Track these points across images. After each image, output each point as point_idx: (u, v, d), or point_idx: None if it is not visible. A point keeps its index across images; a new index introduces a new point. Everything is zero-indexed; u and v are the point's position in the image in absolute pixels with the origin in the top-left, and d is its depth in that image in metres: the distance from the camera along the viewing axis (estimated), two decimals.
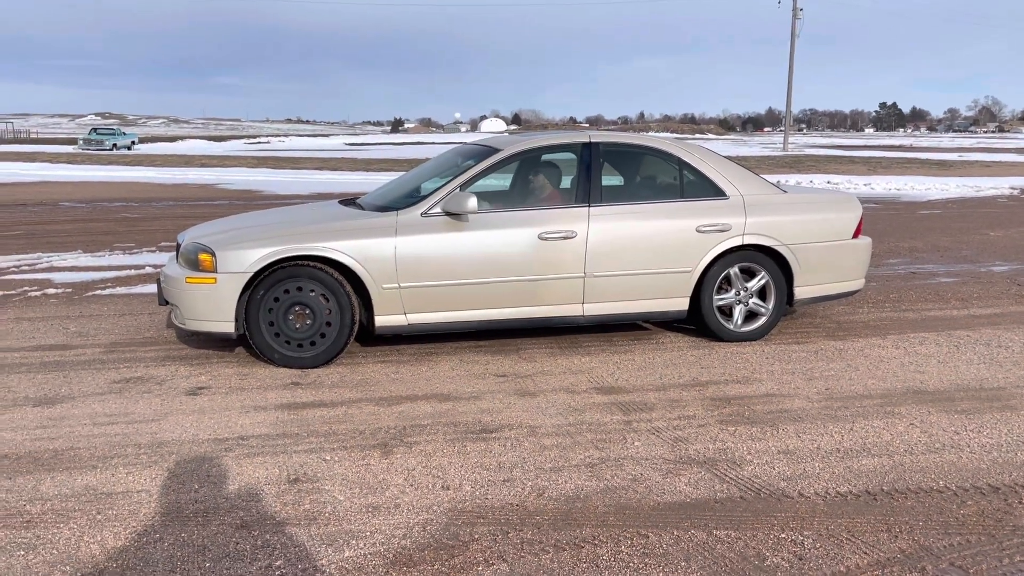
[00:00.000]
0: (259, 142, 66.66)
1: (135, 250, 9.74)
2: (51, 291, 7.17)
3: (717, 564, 2.68)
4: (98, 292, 7.15)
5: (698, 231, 5.32)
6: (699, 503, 3.12)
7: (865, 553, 2.75)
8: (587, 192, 5.30)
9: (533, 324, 5.24)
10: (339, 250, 4.85)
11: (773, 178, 23.63)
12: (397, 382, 4.64)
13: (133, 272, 8.20)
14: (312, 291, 4.87)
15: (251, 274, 4.78)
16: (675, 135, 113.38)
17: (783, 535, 2.87)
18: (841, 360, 5.09)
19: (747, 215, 5.41)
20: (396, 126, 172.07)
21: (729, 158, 5.85)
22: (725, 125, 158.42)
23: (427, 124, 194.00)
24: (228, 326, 4.82)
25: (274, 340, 4.88)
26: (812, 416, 4.08)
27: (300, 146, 59.29)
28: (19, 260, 8.84)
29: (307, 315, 4.88)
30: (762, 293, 5.55)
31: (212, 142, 66.29)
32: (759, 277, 5.49)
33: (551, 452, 3.61)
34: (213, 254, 4.82)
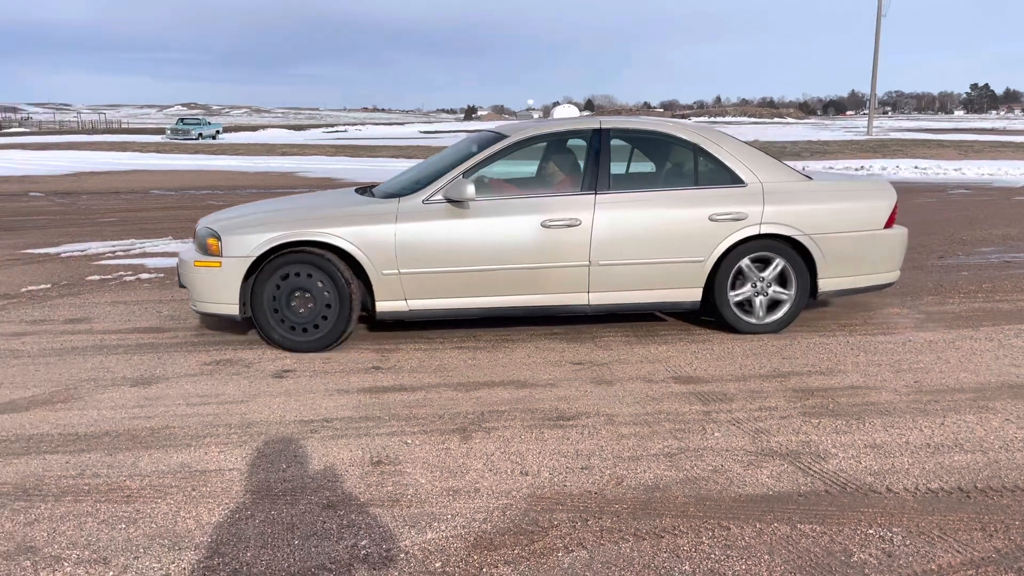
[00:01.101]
0: (337, 131, 67.97)
1: None
2: (144, 276, 7.49)
3: (801, 558, 2.63)
4: None
5: (711, 219, 5.15)
6: (782, 496, 3.06)
7: (958, 552, 2.66)
8: (594, 179, 5.21)
9: (537, 312, 5.21)
10: (338, 235, 4.93)
11: (846, 163, 22.90)
12: (474, 368, 4.69)
13: None
14: (310, 276, 4.96)
15: (254, 258, 4.91)
16: (752, 120, 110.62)
17: (871, 531, 2.80)
18: (931, 352, 4.91)
19: (765, 203, 5.21)
20: (469, 113, 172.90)
21: (751, 144, 5.52)
22: (805, 109, 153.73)
23: (500, 111, 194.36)
24: (233, 308, 4.97)
25: (278, 324, 5.01)
26: (900, 410, 3.96)
27: (376, 134, 60.16)
28: (114, 246, 9.25)
29: (308, 300, 4.98)
30: (781, 281, 5.31)
31: (292, 131, 67.88)
32: (774, 265, 5.25)
33: (629, 441, 3.60)
34: (219, 238, 4.96)
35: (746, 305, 5.32)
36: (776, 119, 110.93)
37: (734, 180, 5.28)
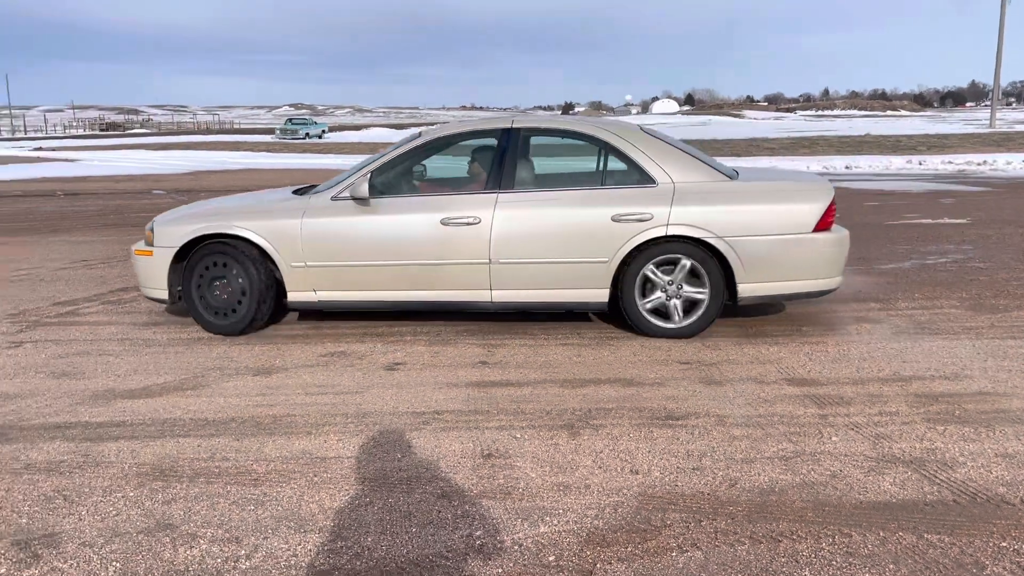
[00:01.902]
0: None
1: None
2: None
3: (929, 569, 2.53)
4: None
5: (614, 220, 5.06)
6: (906, 504, 2.95)
7: None
8: (498, 178, 5.26)
9: (441, 308, 5.32)
10: (249, 229, 5.31)
11: (967, 157, 21.65)
12: (580, 365, 4.70)
13: None
14: (226, 265, 5.34)
15: (177, 248, 5.36)
16: (863, 112, 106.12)
17: (1004, 544, 2.66)
18: None
19: (674, 204, 5.04)
20: (566, 110, 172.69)
21: (688, 141, 5.33)
22: (920, 100, 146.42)
23: (597, 107, 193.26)
24: (163, 293, 5.47)
25: (203, 308, 5.43)
26: None
27: None
28: None
29: (226, 287, 5.38)
30: (694, 285, 5.11)
31: (393, 130, 69.41)
32: (682, 267, 5.07)
33: (741, 443, 3.54)
34: (152, 231, 5.49)
35: (658, 308, 5.19)
36: (889, 112, 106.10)
37: (645, 180, 5.18)
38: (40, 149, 39.46)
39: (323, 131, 53.44)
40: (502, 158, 5.32)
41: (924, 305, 5.95)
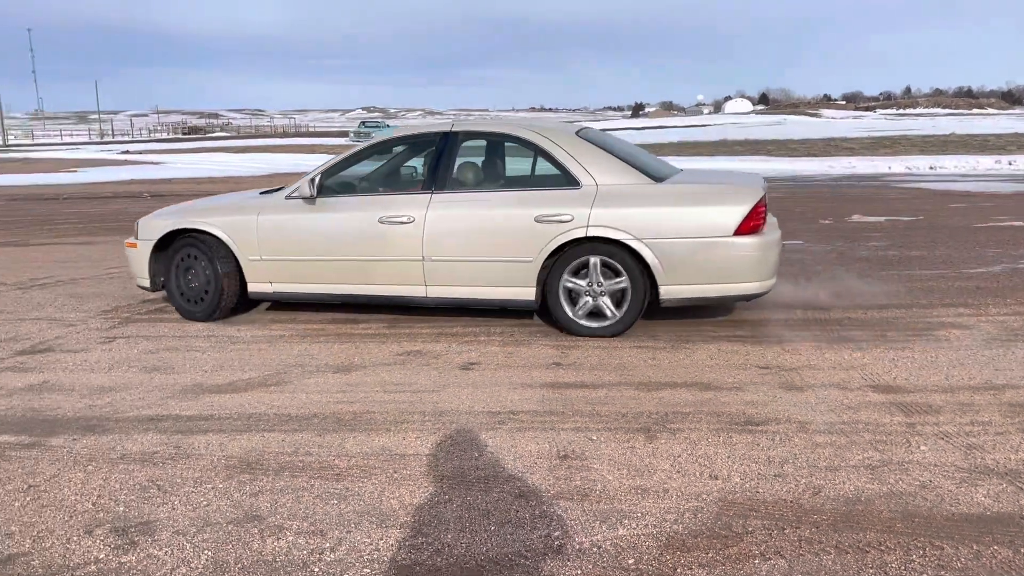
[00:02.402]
0: None
1: None
2: None
3: None
4: None
5: (536, 221, 5.20)
6: (1002, 517, 2.84)
7: None
8: (433, 179, 5.52)
9: (383, 302, 5.67)
10: (213, 225, 5.81)
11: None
12: (655, 368, 4.66)
13: None
14: (196, 258, 5.85)
15: (154, 241, 5.92)
16: (948, 111, 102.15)
17: None
18: None
19: (594, 206, 5.13)
20: (636, 111, 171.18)
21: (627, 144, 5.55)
22: (1009, 98, 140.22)
23: (668, 107, 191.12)
24: (146, 281, 6.05)
25: (179, 295, 5.97)
26: None
27: None
28: None
29: (196, 277, 5.88)
30: (615, 286, 5.19)
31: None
32: (609, 272, 5.17)
33: (825, 450, 3.45)
34: (138, 225, 6.07)
35: (581, 307, 5.28)
36: (975, 110, 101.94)
37: (570, 182, 5.29)
38: (127, 152, 41.17)
39: None
40: (438, 160, 5.57)
41: (1017, 311, 5.70)
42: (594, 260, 5.17)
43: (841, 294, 6.34)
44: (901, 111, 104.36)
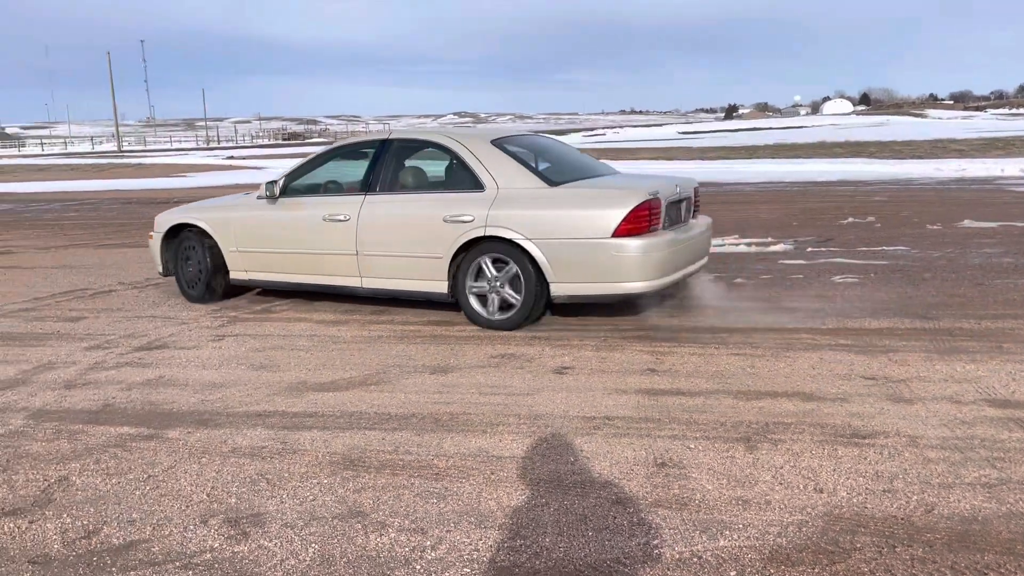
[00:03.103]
0: (595, 134, 69.13)
1: None
2: None
3: None
4: None
5: (444, 221, 5.69)
6: None
7: None
8: (368, 182, 6.13)
9: (329, 291, 6.38)
10: (202, 220, 6.69)
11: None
12: (754, 376, 4.56)
13: None
14: (194, 248, 6.74)
15: (163, 233, 6.91)
16: None
17: None
18: None
19: (492, 208, 5.56)
20: (730, 112, 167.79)
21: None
22: None
23: (763, 109, 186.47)
24: (159, 268, 7.05)
25: (184, 281, 6.87)
26: None
27: (634, 137, 60.28)
28: None
29: (192, 264, 6.78)
30: (513, 282, 5.59)
31: (553, 136, 70.13)
32: (507, 269, 5.57)
33: (937, 466, 3.30)
34: (155, 220, 7.04)
35: (485, 300, 5.71)
36: None
37: (476, 186, 5.74)
38: (232, 157, 42.95)
39: None
40: (374, 164, 6.17)
41: None
42: (489, 258, 5.63)
43: (951, 303, 6.06)
44: (1014, 111, 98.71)
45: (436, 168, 6.30)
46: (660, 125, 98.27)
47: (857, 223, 11.16)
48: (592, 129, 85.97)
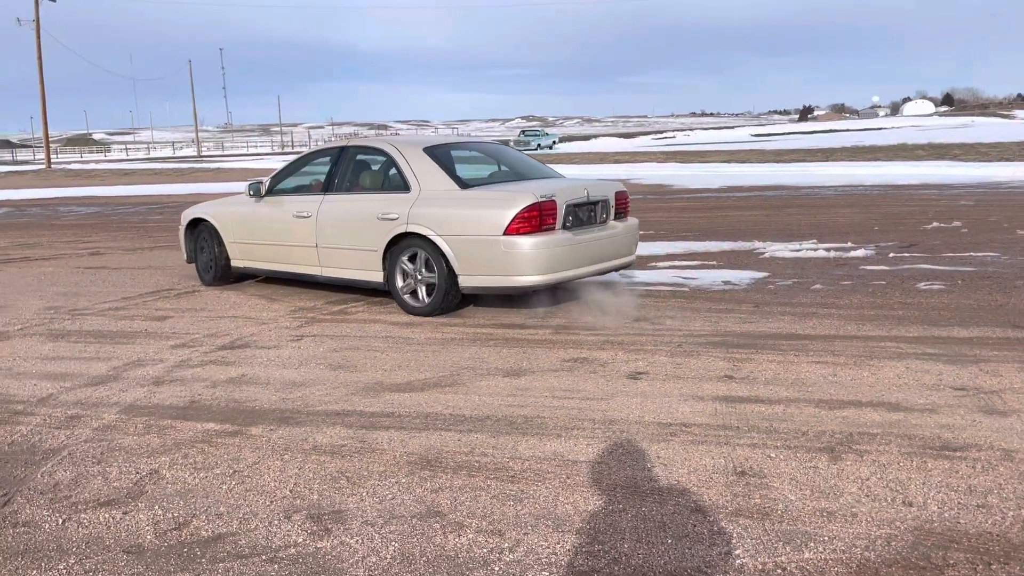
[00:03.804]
0: (665, 137, 68.38)
1: None
2: None
3: None
4: None
5: (378, 218, 6.43)
6: None
7: None
8: (327, 184, 7.04)
9: (298, 279, 7.33)
10: (210, 215, 7.83)
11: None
12: (836, 385, 4.44)
13: None
14: (206, 239, 7.91)
15: (184, 225, 8.09)
16: None
17: None
18: None
19: (413, 207, 6.27)
20: (804, 114, 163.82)
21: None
22: None
23: (839, 110, 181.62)
24: (184, 256, 8.20)
25: (200, 267, 8.06)
26: None
27: (705, 139, 59.46)
28: None
29: (206, 253, 7.95)
30: (431, 275, 6.25)
31: (622, 139, 69.66)
32: (417, 261, 6.28)
33: None
34: (181, 215, 8.15)
35: (411, 289, 6.40)
36: None
37: (405, 187, 6.47)
38: None
39: (554, 142, 54.82)
40: (333, 168, 7.07)
41: None
42: (410, 251, 6.32)
43: None
44: None
45: (380, 172, 6.99)
46: (732, 127, 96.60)
47: (942, 228, 10.76)
48: (661, 132, 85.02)
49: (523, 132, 57.49)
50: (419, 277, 6.33)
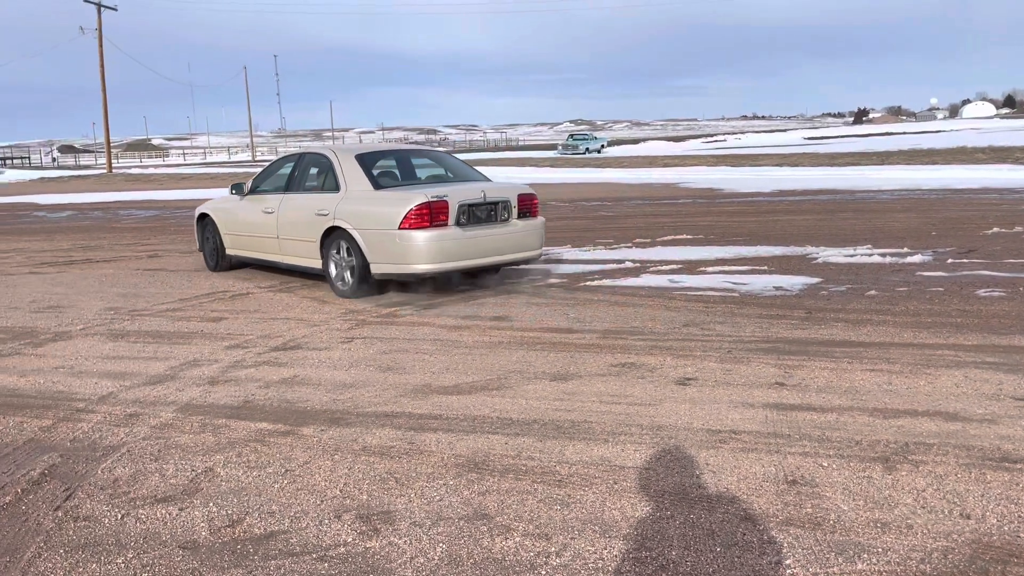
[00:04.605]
0: (715, 140, 67.63)
1: (614, 246, 10.63)
2: (551, 281, 8.18)
3: None
4: (587, 283, 7.96)
5: (316, 214, 7.64)
6: None
7: None
8: (287, 185, 8.36)
9: (266, 264, 8.68)
10: (210, 210, 9.43)
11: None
12: (891, 394, 4.34)
13: (615, 266, 8.95)
14: (210, 231, 9.40)
15: (196, 218, 9.74)
16: None
17: None
18: None
19: (339, 205, 7.45)
20: (859, 116, 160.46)
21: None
22: None
23: (895, 112, 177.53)
24: (197, 245, 9.86)
25: (206, 255, 9.59)
26: None
27: (756, 143, 58.65)
28: None
29: (209, 243, 9.47)
30: (351, 263, 7.37)
31: (671, 143, 69.10)
32: (342, 251, 7.45)
33: None
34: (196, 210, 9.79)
35: (338, 275, 7.56)
36: None
37: (337, 188, 7.64)
38: None
39: (602, 146, 54.61)
40: (292, 172, 8.41)
41: None
42: (336, 242, 7.47)
43: None
44: None
45: (323, 175, 8.13)
46: (784, 130, 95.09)
47: (1003, 233, 10.44)
48: (712, 135, 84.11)
49: (571, 136, 57.39)
50: (343, 265, 7.47)
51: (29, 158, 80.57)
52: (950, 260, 8.53)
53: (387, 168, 8.23)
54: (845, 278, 7.74)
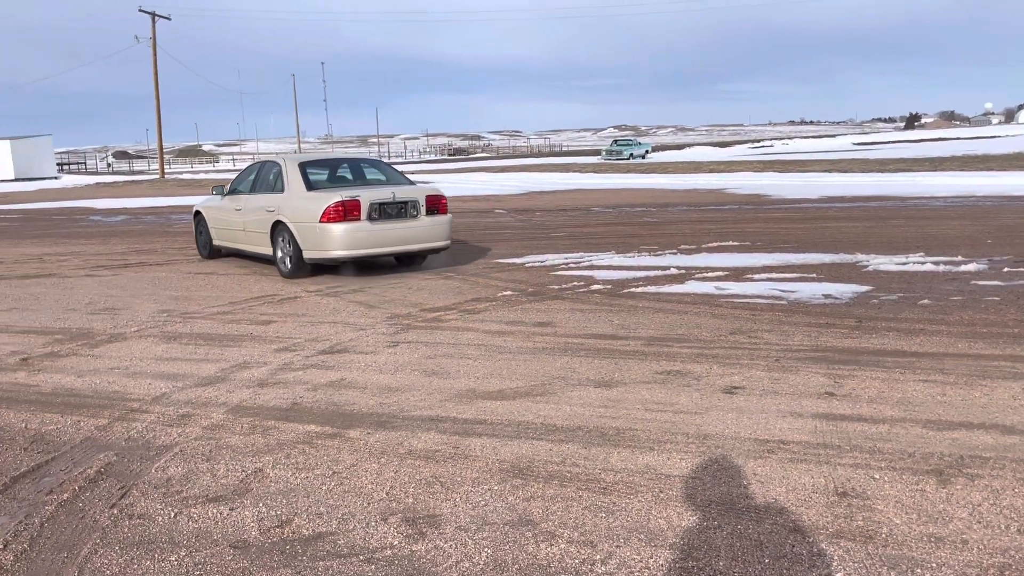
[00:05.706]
0: (762, 146, 66.81)
1: (659, 252, 10.56)
2: (595, 287, 8.16)
3: None
4: (632, 290, 7.92)
5: (267, 211, 9.48)
6: None
7: None
8: (252, 186, 10.21)
9: (240, 254, 10.61)
10: (201, 208, 11.33)
11: None
12: (945, 405, 4.24)
13: (660, 272, 8.89)
14: (203, 224, 11.32)
15: (192, 215, 11.69)
16: None
17: None
18: None
19: (282, 202, 9.28)
20: (911, 122, 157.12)
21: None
22: None
23: (948, 117, 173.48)
24: (194, 236, 11.80)
25: (200, 246, 11.51)
26: None
27: (804, 148, 57.82)
28: (567, 258, 10.24)
29: (202, 236, 11.36)
30: (293, 251, 9.12)
31: (716, 148, 68.40)
32: (284, 240, 9.20)
33: None
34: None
35: (282, 260, 9.27)
36: None
37: (283, 189, 9.47)
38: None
39: (646, 151, 54.28)
40: (256, 175, 10.30)
41: None
42: (280, 233, 9.25)
43: None
44: None
45: (275, 178, 9.82)
46: (833, 136, 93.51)
47: None
48: (758, 141, 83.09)
49: (615, 142, 57.16)
50: (286, 251, 9.18)
51: (85, 163, 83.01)
52: (1006, 269, 8.30)
53: (322, 173, 9.97)
54: (897, 286, 7.58)
